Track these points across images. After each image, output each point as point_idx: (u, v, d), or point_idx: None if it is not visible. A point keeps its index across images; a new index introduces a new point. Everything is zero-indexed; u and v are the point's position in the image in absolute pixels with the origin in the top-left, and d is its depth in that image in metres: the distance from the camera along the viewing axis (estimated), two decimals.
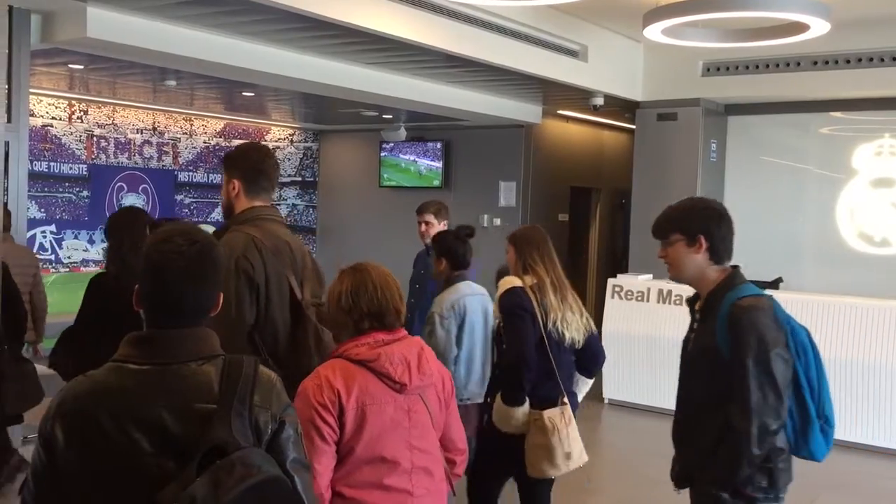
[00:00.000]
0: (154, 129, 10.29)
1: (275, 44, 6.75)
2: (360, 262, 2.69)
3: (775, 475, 2.59)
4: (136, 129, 10.10)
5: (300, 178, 12.09)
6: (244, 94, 8.88)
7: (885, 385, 6.54)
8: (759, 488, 2.59)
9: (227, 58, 6.55)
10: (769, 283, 2.60)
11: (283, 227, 3.11)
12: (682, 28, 6.09)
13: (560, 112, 10.39)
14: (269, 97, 9.28)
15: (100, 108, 9.69)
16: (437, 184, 10.77)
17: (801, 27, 5.82)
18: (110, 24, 5.76)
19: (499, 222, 10.33)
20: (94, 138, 9.66)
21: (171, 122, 10.45)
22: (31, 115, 8.43)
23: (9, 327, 4.73)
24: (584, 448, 3.81)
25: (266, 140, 11.61)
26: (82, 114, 9.56)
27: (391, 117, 10.39)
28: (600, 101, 8.60)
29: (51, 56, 6.69)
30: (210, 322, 1.80)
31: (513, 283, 3.74)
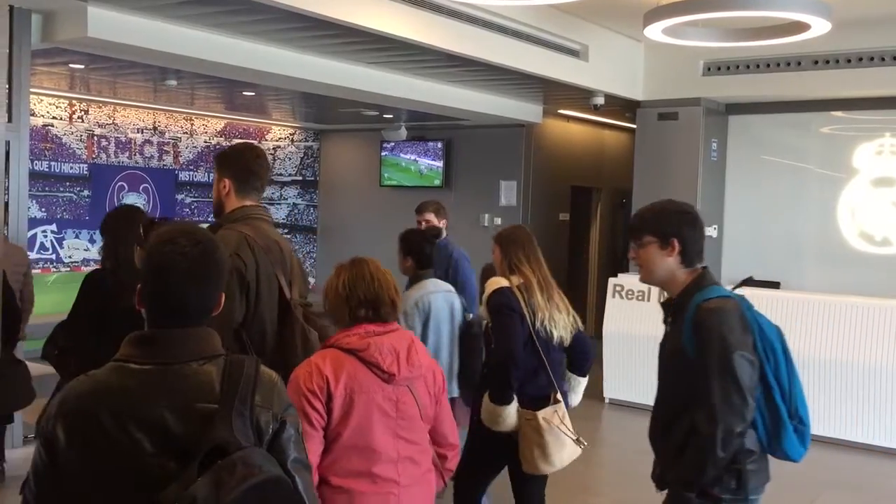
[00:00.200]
0: (155, 128, 10.29)
1: (275, 43, 6.75)
2: (357, 257, 2.78)
3: (744, 476, 2.58)
4: (137, 129, 10.10)
5: (301, 178, 12.09)
6: (245, 93, 8.88)
7: (886, 384, 6.54)
8: (727, 489, 2.59)
9: (227, 57, 6.56)
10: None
11: (272, 226, 3.14)
12: (682, 27, 6.09)
13: (561, 111, 10.39)
14: (269, 97, 9.28)
15: (100, 107, 9.70)
16: (437, 183, 10.77)
17: (801, 27, 5.81)
18: (111, 24, 5.76)
19: (500, 222, 10.33)
20: (95, 138, 9.66)
21: (171, 122, 10.45)
22: (32, 114, 8.43)
23: (6, 328, 4.75)
24: (584, 447, 3.81)
25: (267, 139, 11.61)
26: (83, 113, 9.56)
27: (392, 117, 10.39)
28: (601, 100, 8.59)
29: (51, 56, 6.69)
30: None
31: (500, 283, 3.76)
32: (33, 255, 8.92)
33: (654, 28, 5.83)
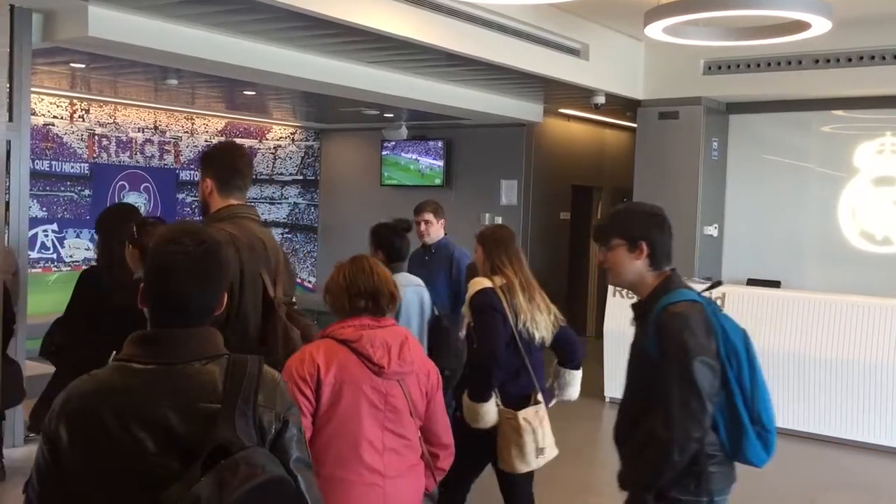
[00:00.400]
0: (155, 127, 10.29)
1: (276, 42, 6.75)
2: (357, 254, 2.90)
3: (703, 479, 2.58)
4: (138, 128, 10.11)
5: (301, 177, 12.09)
6: (245, 92, 8.88)
7: (887, 383, 6.54)
8: (686, 490, 2.59)
9: (228, 56, 6.56)
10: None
11: (259, 224, 3.14)
12: (683, 26, 6.09)
13: (561, 111, 10.39)
14: (270, 96, 9.28)
15: (101, 106, 9.70)
16: (438, 182, 10.77)
17: (802, 25, 5.81)
18: (111, 23, 5.77)
19: (500, 221, 10.32)
20: (96, 137, 9.67)
21: (172, 121, 10.45)
22: (33, 113, 8.43)
23: (3, 329, 4.79)
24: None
25: (267, 139, 11.62)
26: (84, 113, 9.56)
27: (392, 116, 10.39)
28: (601, 99, 8.59)
29: (52, 55, 6.69)
30: None
31: (483, 284, 3.80)
32: (34, 255, 8.93)
33: (654, 27, 5.83)
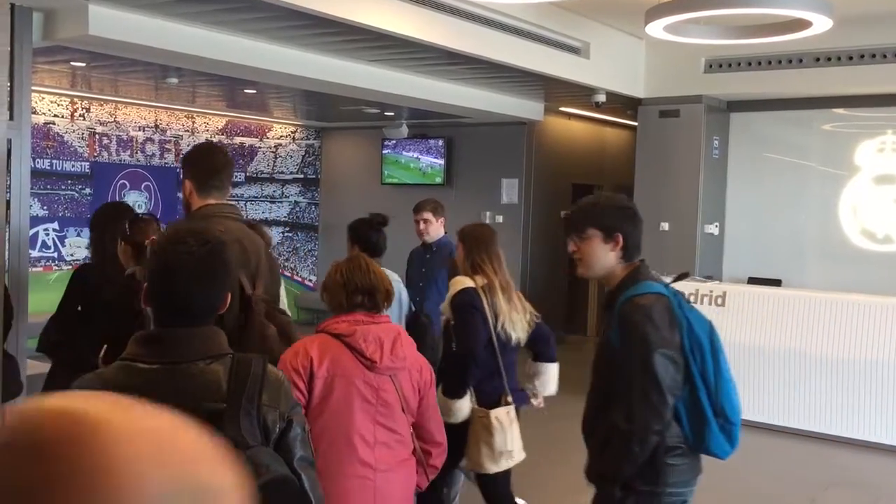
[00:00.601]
0: (156, 126, 10.29)
1: (276, 41, 6.74)
2: (352, 254, 3.07)
3: (664, 470, 2.59)
4: (139, 127, 10.11)
5: (302, 176, 12.09)
6: (246, 91, 8.88)
7: (888, 382, 6.54)
8: (650, 482, 2.61)
9: (228, 55, 6.55)
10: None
11: (239, 223, 3.15)
12: (684, 25, 6.08)
13: (562, 109, 10.38)
14: (270, 94, 9.28)
15: (102, 105, 9.70)
16: (439, 181, 10.76)
17: (803, 24, 5.81)
18: (112, 22, 5.76)
19: (501, 219, 10.33)
20: (97, 136, 9.67)
21: (173, 120, 10.45)
22: (34, 112, 8.43)
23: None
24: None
25: (268, 137, 11.62)
26: (84, 111, 9.56)
27: (393, 115, 10.38)
28: (602, 97, 8.59)
29: (53, 54, 6.69)
30: None
31: (465, 283, 3.83)
32: (35, 254, 8.93)
33: (655, 25, 5.83)
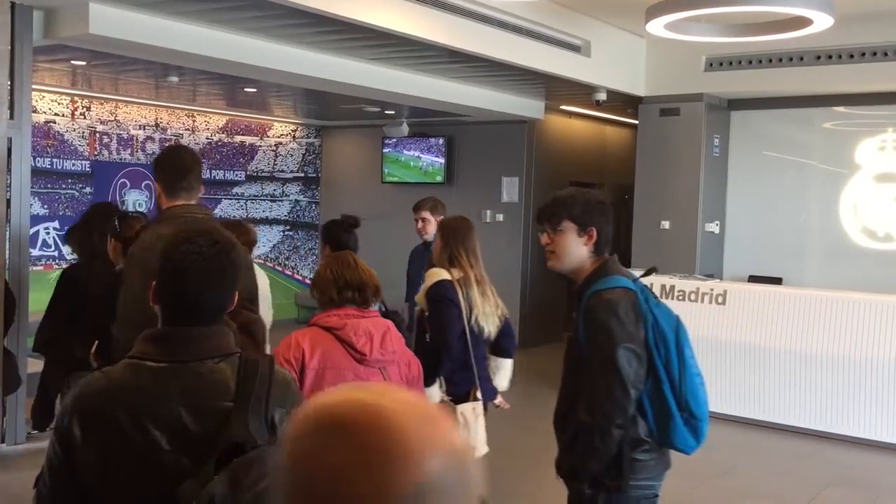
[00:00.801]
0: (156, 125, 10.29)
1: (277, 39, 6.74)
2: (340, 251, 3.14)
3: (626, 466, 2.60)
4: (139, 126, 10.11)
5: (302, 175, 12.09)
6: (246, 89, 8.88)
7: (888, 380, 6.53)
8: (617, 477, 2.62)
9: (229, 53, 6.56)
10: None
11: (203, 222, 3.10)
12: (684, 23, 6.08)
13: (562, 107, 10.38)
14: (271, 93, 9.28)
15: (102, 104, 9.70)
16: (439, 180, 10.76)
17: (804, 21, 5.81)
18: (112, 20, 5.76)
19: (501, 218, 10.33)
20: (97, 135, 9.67)
21: (173, 119, 10.45)
22: (34, 111, 8.42)
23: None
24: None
25: (269, 136, 11.61)
26: (85, 110, 9.56)
27: (393, 113, 10.38)
28: (603, 96, 8.59)
29: (53, 52, 6.69)
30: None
31: (441, 275, 3.86)
32: (35, 252, 8.93)
33: (656, 23, 5.83)
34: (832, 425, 6.72)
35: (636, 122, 9.36)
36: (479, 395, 3.87)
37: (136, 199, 9.81)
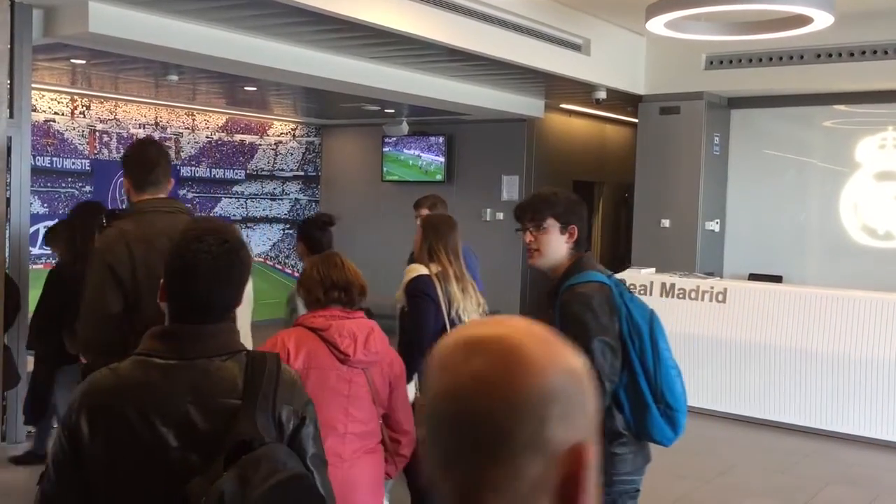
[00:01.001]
0: (156, 123, 10.29)
1: (276, 38, 6.74)
2: (328, 251, 3.19)
3: (609, 459, 2.62)
4: (139, 124, 10.10)
5: (302, 173, 12.09)
6: (246, 88, 8.88)
7: (888, 378, 6.53)
8: (601, 473, 2.63)
9: (229, 52, 6.55)
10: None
11: (171, 215, 3.11)
12: (684, 21, 6.08)
13: (562, 106, 10.38)
14: (270, 92, 9.28)
15: (102, 103, 9.69)
16: (439, 178, 10.76)
17: (804, 20, 5.80)
18: (112, 19, 5.76)
19: (501, 216, 10.32)
20: (97, 133, 9.66)
21: (173, 117, 10.45)
22: (34, 110, 8.42)
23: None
24: None
25: (268, 134, 11.61)
26: (85, 109, 9.56)
27: (393, 112, 10.38)
28: (603, 94, 8.58)
29: (53, 51, 6.69)
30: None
31: (419, 270, 3.88)
32: (35, 251, 8.92)
33: (656, 22, 5.83)
34: (832, 424, 6.72)
35: (636, 120, 9.36)
36: None
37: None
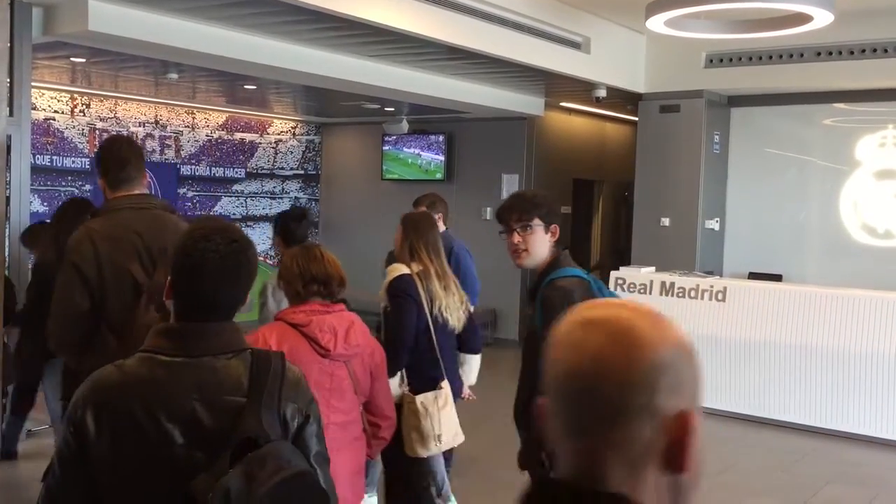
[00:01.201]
0: (156, 122, 10.29)
1: (276, 36, 6.74)
2: (308, 243, 3.18)
3: None
4: (139, 123, 10.10)
5: (302, 172, 12.09)
6: (246, 87, 8.87)
7: (888, 377, 6.53)
8: None
9: (229, 51, 6.55)
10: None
11: (141, 212, 3.12)
12: (684, 19, 6.08)
13: (562, 104, 10.37)
14: (270, 90, 9.27)
15: (102, 101, 9.69)
16: (439, 177, 10.76)
17: (804, 18, 5.80)
18: (112, 17, 5.76)
19: None
20: (97, 132, 9.66)
21: (173, 116, 10.45)
22: (34, 108, 8.43)
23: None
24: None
25: (268, 133, 11.61)
26: (84, 107, 9.56)
27: (393, 110, 10.38)
28: (603, 92, 8.57)
29: (53, 49, 6.69)
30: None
31: (401, 270, 3.90)
32: None
33: (656, 20, 5.83)
34: (832, 422, 6.73)
35: (636, 118, 9.36)
36: (443, 384, 3.89)
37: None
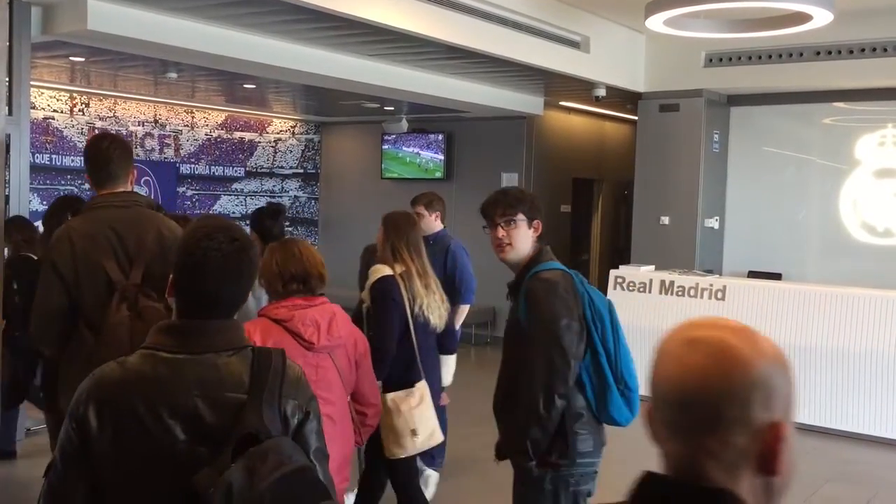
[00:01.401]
0: (156, 121, 10.29)
1: (276, 36, 6.74)
2: (288, 238, 3.18)
3: (571, 440, 2.80)
4: (138, 122, 10.10)
5: (302, 171, 12.09)
6: (245, 86, 8.87)
7: (888, 376, 6.54)
8: (563, 455, 2.81)
9: (228, 50, 6.55)
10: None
11: (123, 209, 3.12)
12: (684, 18, 6.08)
13: (562, 103, 10.37)
14: (270, 89, 9.27)
15: (101, 100, 9.69)
16: (439, 176, 10.76)
17: (804, 17, 5.80)
18: (111, 17, 5.76)
19: None
20: (96, 131, 9.66)
21: (172, 115, 10.45)
22: (33, 107, 8.43)
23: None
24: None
25: (268, 132, 11.61)
26: (84, 106, 9.56)
27: (393, 109, 10.37)
28: (602, 92, 8.57)
29: (52, 48, 6.68)
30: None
31: (384, 271, 3.91)
32: None
33: (655, 19, 5.82)
34: (831, 421, 6.73)
35: (636, 117, 9.36)
36: (418, 384, 3.89)
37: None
